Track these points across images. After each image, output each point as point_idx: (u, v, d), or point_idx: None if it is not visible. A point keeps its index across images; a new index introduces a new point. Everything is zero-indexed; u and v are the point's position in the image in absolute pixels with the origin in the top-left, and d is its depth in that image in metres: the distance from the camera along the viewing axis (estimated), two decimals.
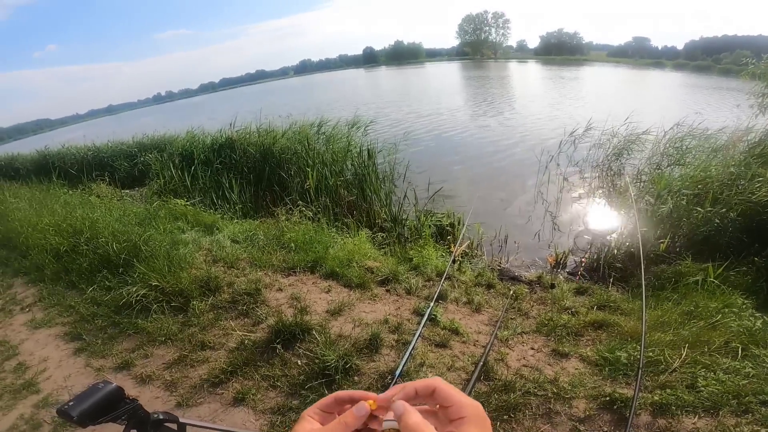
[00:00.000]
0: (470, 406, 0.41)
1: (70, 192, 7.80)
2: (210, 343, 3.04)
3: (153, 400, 2.58)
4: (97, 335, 3.26)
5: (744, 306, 3.20)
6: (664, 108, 13.30)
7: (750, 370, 2.43)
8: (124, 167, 9.54)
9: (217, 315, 3.34)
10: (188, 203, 6.08)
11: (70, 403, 1.15)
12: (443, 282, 3.66)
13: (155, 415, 1.38)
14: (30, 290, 4.21)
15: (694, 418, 2.19)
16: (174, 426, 1.48)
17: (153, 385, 2.74)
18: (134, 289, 3.52)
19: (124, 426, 1.28)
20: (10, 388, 2.81)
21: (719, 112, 11.93)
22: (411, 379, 2.22)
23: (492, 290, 4.01)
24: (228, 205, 6.61)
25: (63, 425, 2.41)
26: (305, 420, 0.45)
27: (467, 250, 5.22)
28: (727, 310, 3.12)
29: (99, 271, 4.00)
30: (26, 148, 12.09)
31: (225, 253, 4.29)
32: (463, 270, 4.46)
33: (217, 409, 2.51)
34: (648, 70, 49.21)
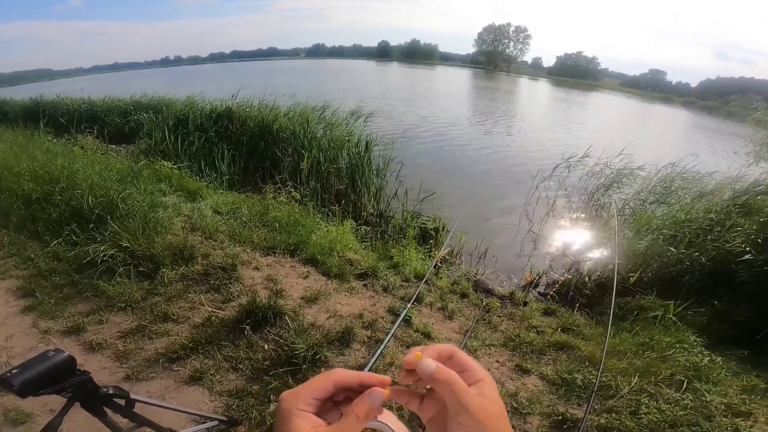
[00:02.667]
0: (485, 372, 0.42)
1: (55, 141, 7.51)
2: (174, 315, 2.91)
3: (99, 370, 2.42)
4: (52, 294, 3.06)
5: (695, 343, 3.34)
6: (662, 145, 13.49)
7: (689, 402, 2.57)
8: (115, 123, 9.30)
9: (186, 286, 3.21)
10: (175, 166, 5.87)
11: (14, 371, 1.01)
12: (422, 285, 3.63)
13: (104, 390, 1.24)
14: None
15: None
16: (122, 402, 1.33)
17: (102, 354, 2.57)
18: (102, 248, 3.35)
19: (67, 399, 1.13)
20: None
21: (715, 156, 12.10)
22: None
23: (465, 299, 4.01)
24: (215, 175, 6.48)
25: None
26: (298, 416, 0.37)
27: (447, 257, 5.23)
28: (678, 345, 3.26)
29: (68, 224, 3.77)
30: (22, 94, 11.65)
31: (205, 222, 4.16)
32: (441, 276, 4.46)
33: (169, 386, 2.38)
34: (656, 104, 49.81)
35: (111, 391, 1.25)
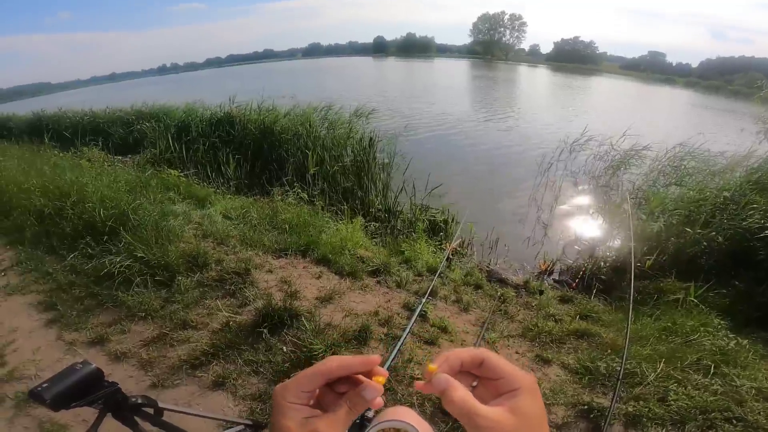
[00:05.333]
0: (523, 378, 0.37)
1: (61, 155, 7.58)
2: (193, 322, 2.93)
3: (126, 380, 2.46)
4: (73, 306, 3.10)
5: (719, 326, 3.26)
6: (668, 126, 13.30)
7: (718, 387, 2.48)
8: (119, 134, 9.37)
9: (202, 293, 3.23)
10: (182, 174, 5.91)
11: (44, 385, 1.02)
12: (436, 279, 3.61)
13: (133, 399, 1.26)
14: (8, 252, 4.01)
15: (662, 430, 2.25)
16: (151, 410, 1.36)
17: (128, 363, 2.60)
18: (118, 259, 3.38)
19: (99, 410, 1.15)
20: None
21: (723, 134, 11.97)
22: (398, 374, 2.07)
23: (480, 291, 3.98)
24: (222, 180, 6.51)
25: (28, 402, 2.26)
26: (290, 408, 0.37)
27: (458, 249, 5.21)
28: (702, 329, 3.18)
29: (82, 237, 3.81)
30: (23, 109, 11.79)
31: (216, 228, 4.19)
32: (453, 268, 4.43)
33: (194, 392, 2.40)
34: (658, 86, 49.08)
35: (140, 401, 1.27)
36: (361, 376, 0.41)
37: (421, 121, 14.45)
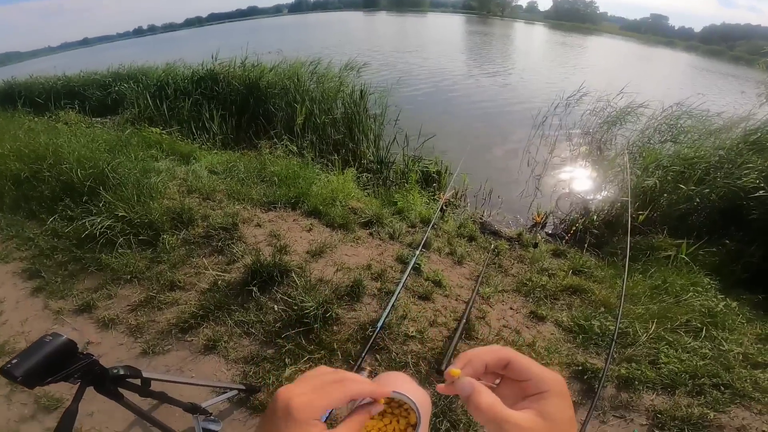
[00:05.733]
0: (552, 380, 0.36)
1: (36, 119, 7.21)
2: (180, 282, 2.85)
3: (117, 347, 2.40)
4: (57, 272, 2.99)
5: (709, 286, 3.29)
6: (666, 86, 13.05)
7: (707, 351, 2.50)
8: (96, 96, 8.88)
9: (189, 251, 3.13)
10: (164, 132, 5.66)
11: (14, 361, 0.94)
12: (429, 231, 3.53)
13: (114, 371, 1.18)
14: None
15: (653, 395, 2.26)
16: (138, 381, 1.28)
17: (117, 330, 2.52)
18: (98, 220, 3.24)
19: (77, 384, 1.06)
20: None
21: (722, 96, 11.77)
22: (392, 331, 1.99)
23: (473, 243, 3.95)
24: (207, 136, 6.28)
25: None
26: (314, 426, 0.35)
27: (452, 200, 5.16)
28: (692, 288, 3.20)
29: (61, 199, 3.66)
30: None
31: (201, 183, 4.04)
32: (447, 219, 4.38)
33: (185, 358, 2.35)
34: (658, 48, 47.74)
35: (122, 372, 1.20)
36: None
37: (415, 76, 13.96)
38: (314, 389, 0.37)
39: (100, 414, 1.97)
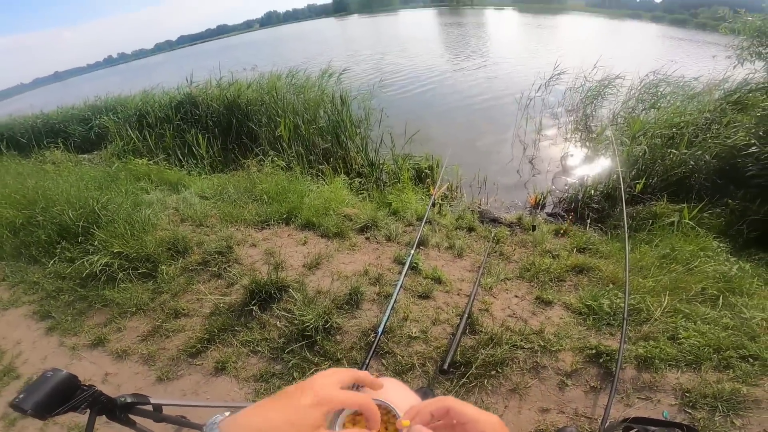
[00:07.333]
0: (487, 422, 0.42)
1: (23, 162, 7.19)
2: (184, 309, 2.87)
3: (133, 377, 2.44)
4: (66, 311, 3.04)
5: (719, 249, 3.18)
6: (640, 56, 13.23)
7: (728, 320, 2.36)
8: (78, 132, 8.83)
9: (188, 279, 3.14)
10: (151, 162, 5.67)
11: (21, 396, 0.99)
12: (423, 227, 3.48)
13: (122, 399, 1.24)
14: None
15: (677, 372, 2.13)
16: (150, 407, 1.34)
17: (130, 360, 2.58)
18: (96, 258, 3.25)
19: (87, 414, 1.13)
20: None
21: (695, 62, 11.96)
22: (395, 336, 2.06)
23: (473, 233, 3.92)
24: (195, 161, 6.26)
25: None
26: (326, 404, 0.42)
27: (447, 193, 5.14)
28: (702, 253, 3.08)
29: (58, 242, 3.68)
30: None
31: (193, 210, 4.03)
32: (443, 213, 4.36)
33: (198, 381, 2.38)
34: (626, 21, 48.32)
35: (129, 400, 1.26)
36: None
37: (397, 76, 14.02)
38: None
39: None
